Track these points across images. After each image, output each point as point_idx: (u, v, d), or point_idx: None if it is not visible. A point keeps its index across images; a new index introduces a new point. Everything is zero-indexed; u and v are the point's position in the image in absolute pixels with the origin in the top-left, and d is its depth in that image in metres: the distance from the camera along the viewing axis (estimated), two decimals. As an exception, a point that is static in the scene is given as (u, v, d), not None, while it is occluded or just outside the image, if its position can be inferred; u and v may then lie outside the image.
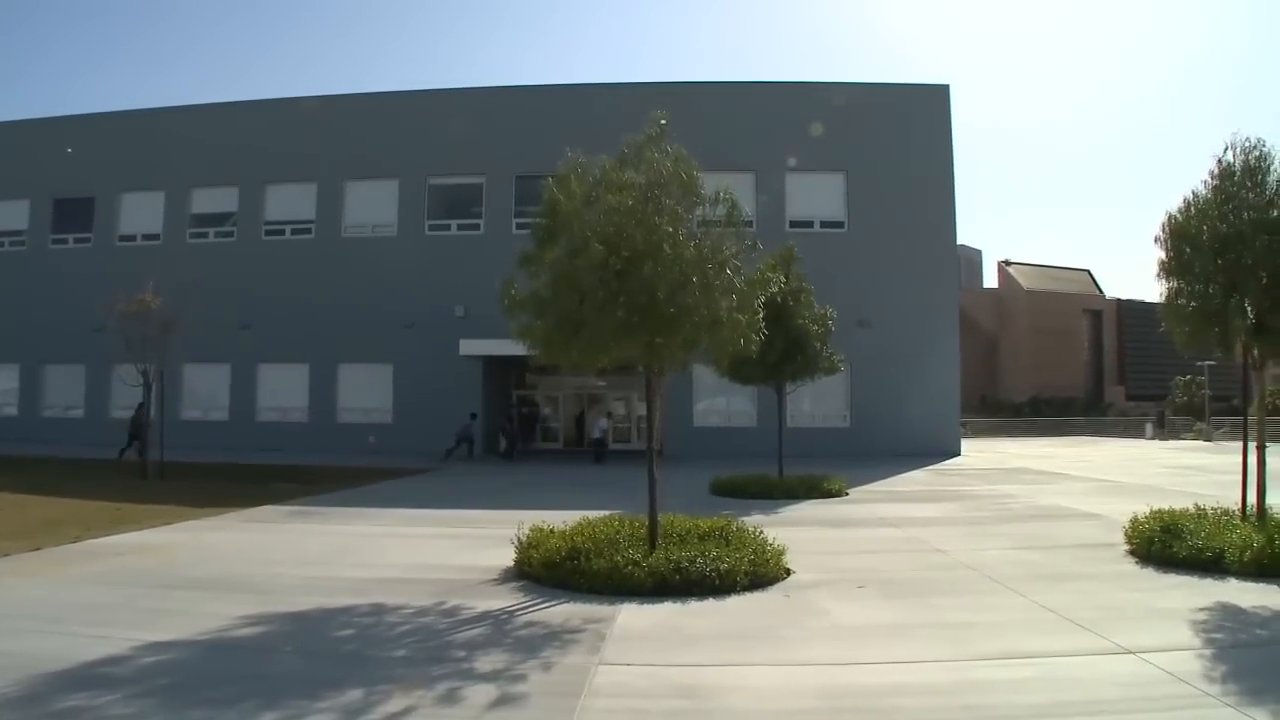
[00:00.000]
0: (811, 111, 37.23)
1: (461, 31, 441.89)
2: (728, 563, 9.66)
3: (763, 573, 9.98)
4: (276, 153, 38.24)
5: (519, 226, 33.27)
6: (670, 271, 9.73)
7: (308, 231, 38.67)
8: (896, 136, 37.75)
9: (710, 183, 10.76)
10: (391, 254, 37.24)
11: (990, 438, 63.29)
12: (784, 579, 10.25)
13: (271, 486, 20.82)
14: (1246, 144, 11.41)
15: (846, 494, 20.46)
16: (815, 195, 37.89)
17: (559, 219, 10.16)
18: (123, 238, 39.95)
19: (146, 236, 39.62)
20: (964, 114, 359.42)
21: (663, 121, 10.59)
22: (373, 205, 38.43)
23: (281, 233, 38.97)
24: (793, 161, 37.11)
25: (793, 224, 35.97)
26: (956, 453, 36.52)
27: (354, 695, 6.17)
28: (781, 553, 10.67)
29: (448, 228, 37.99)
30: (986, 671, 6.82)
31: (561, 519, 12.00)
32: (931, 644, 7.59)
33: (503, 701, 6.10)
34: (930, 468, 30.13)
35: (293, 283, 37.23)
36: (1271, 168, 11.19)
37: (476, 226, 37.60)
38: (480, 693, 6.26)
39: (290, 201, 38.99)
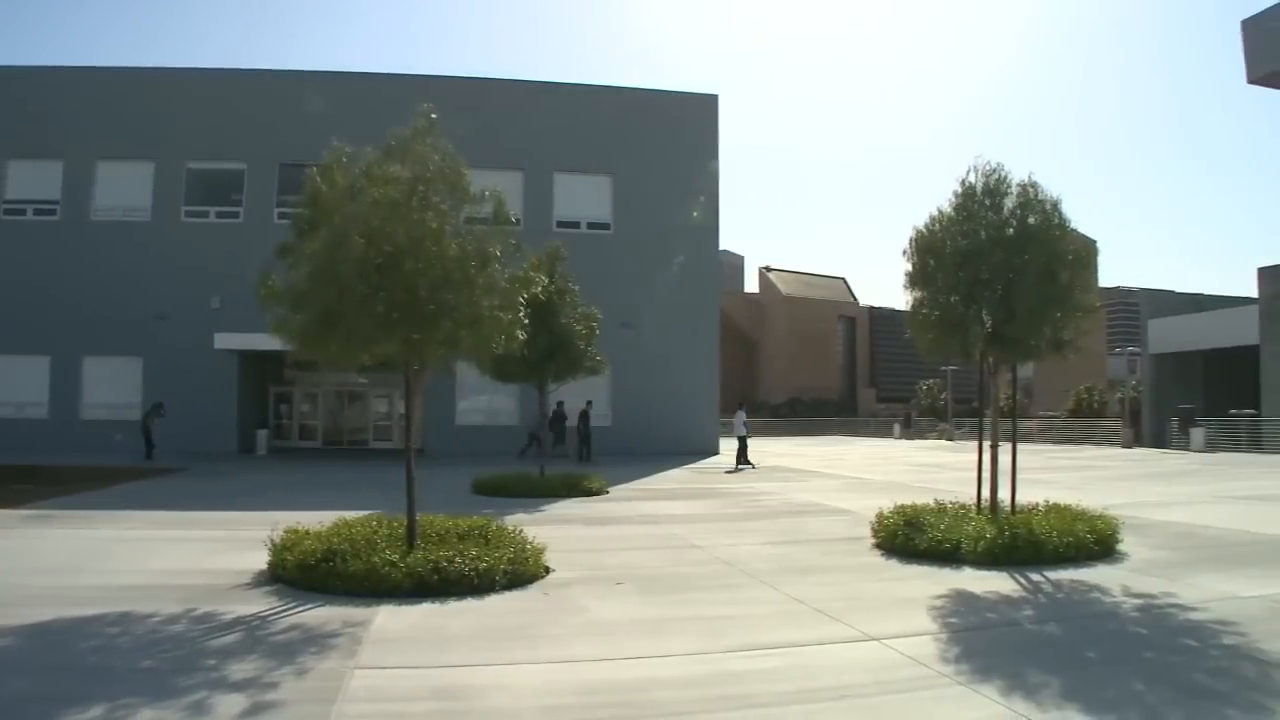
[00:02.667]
0: (583, 113, 37.60)
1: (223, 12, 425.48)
2: (487, 562, 9.57)
3: (522, 571, 9.94)
4: (19, 126, 35.45)
5: (281, 216, 32.16)
6: (432, 268, 9.60)
7: (52, 213, 36.09)
8: (664, 142, 38.47)
9: (479, 180, 10.65)
10: (144, 240, 35.28)
11: (748, 437, 64.99)
12: (544, 577, 10.25)
13: (6, 489, 19.39)
14: (987, 167, 12.28)
15: (607, 492, 20.67)
16: (583, 196, 38.25)
17: (320, 210, 9.86)
18: None
19: None
20: (733, 124, 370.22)
21: (432, 115, 10.41)
22: (125, 187, 36.17)
23: (22, 213, 36.23)
24: (561, 162, 37.38)
25: (560, 224, 36.21)
26: (715, 451, 37.47)
27: (96, 712, 5.77)
28: (541, 551, 10.66)
29: (205, 215, 36.34)
30: (740, 662, 7.00)
31: (318, 519, 11.64)
32: (687, 637, 7.74)
33: (254, 711, 5.84)
34: (689, 466, 30.86)
35: (33, 267, 34.74)
36: (1008, 190, 12.04)
37: (236, 215, 36.11)
38: (231, 703, 5.95)
39: (33, 179, 36.26)
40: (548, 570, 10.49)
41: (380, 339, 9.78)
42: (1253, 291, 54.18)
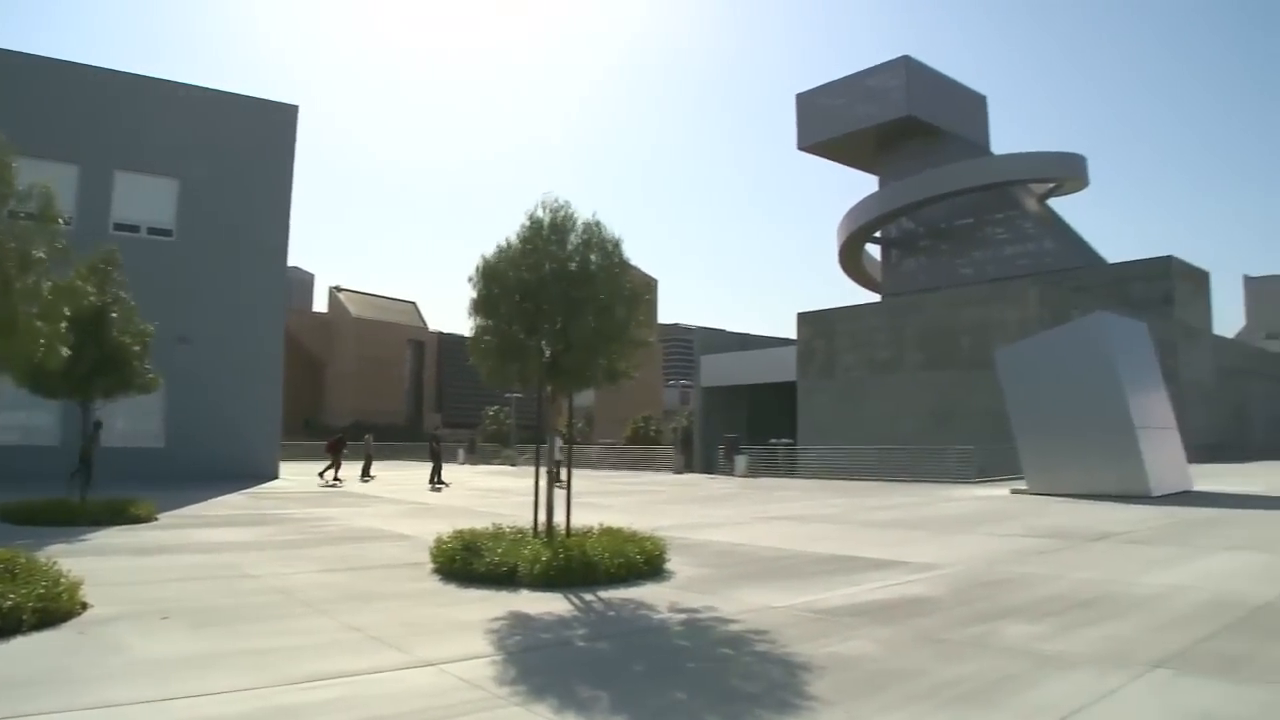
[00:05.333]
0: (152, 109, 35.30)
1: None
2: (12, 600, 8.61)
3: (55, 609, 9.03)
4: None
5: None
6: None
7: None
8: (239, 149, 36.94)
9: (27, 170, 9.71)
10: None
11: (314, 461, 63.47)
12: (80, 614, 9.40)
13: None
14: (555, 204, 12.71)
15: (157, 519, 19.41)
16: (146, 198, 35.73)
17: None
18: None
19: None
20: (314, 138, 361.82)
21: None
22: None
23: None
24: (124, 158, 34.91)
25: (118, 226, 33.91)
26: (275, 476, 36.28)
27: None
28: (78, 585, 9.76)
29: None
30: (296, 695, 6.78)
31: None
32: (241, 672, 7.40)
33: None
34: (248, 491, 29.65)
35: None
36: (573, 227, 12.56)
37: None
38: None
39: None
40: (85, 606, 9.64)
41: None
42: (793, 334, 59.54)
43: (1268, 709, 6.33)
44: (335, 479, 37.49)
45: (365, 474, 39.46)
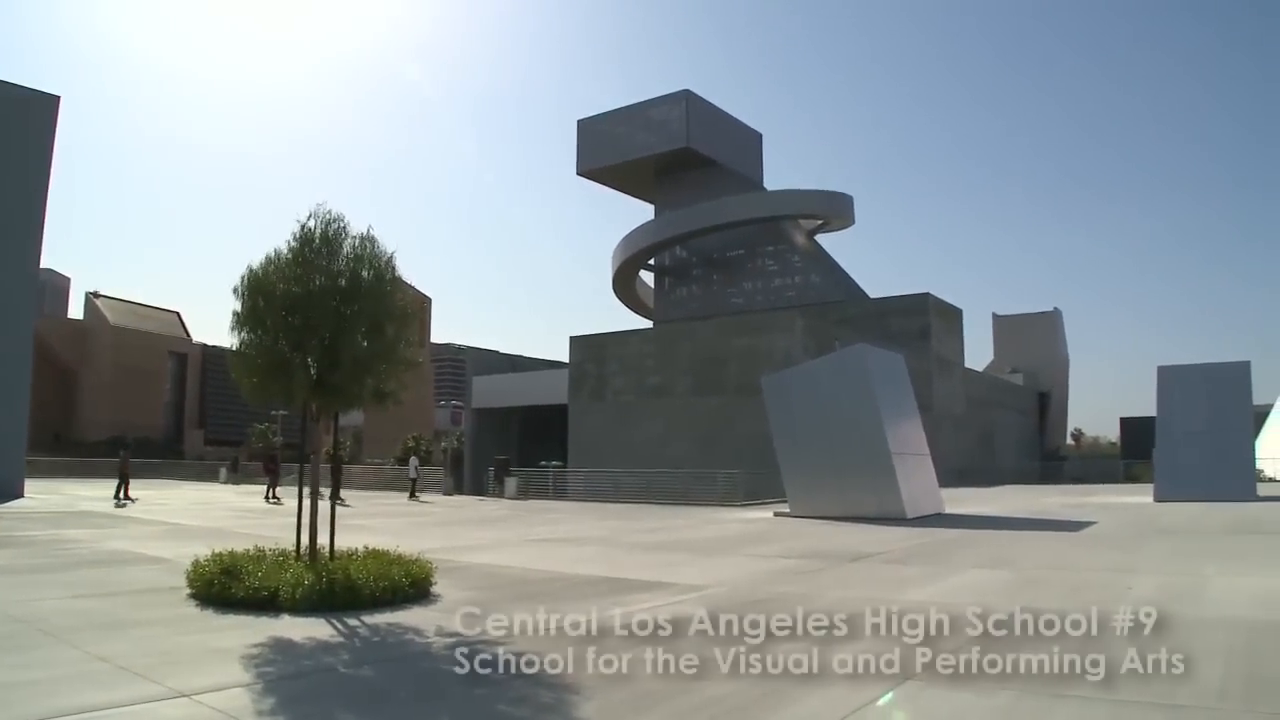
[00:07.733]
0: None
1: None
2: None
3: None
4: None
5: None
6: None
7: None
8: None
9: None
10: None
11: (63, 478, 60.36)
12: None
13: None
14: (328, 215, 12.49)
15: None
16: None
17: None
18: None
19: None
20: (81, 135, 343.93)
21: None
22: None
23: None
24: None
25: None
26: (19, 495, 34.13)
27: None
28: None
29: None
30: (31, 733, 6.41)
31: None
32: (-29, 711, 6.95)
33: None
34: (-13, 511, 27.88)
35: None
36: (345, 241, 12.35)
37: None
38: None
39: None
40: None
41: None
42: (565, 357, 60.08)
43: (1005, 712, 6.74)
44: (274, 497, 36.61)
45: (120, 494, 34.73)
